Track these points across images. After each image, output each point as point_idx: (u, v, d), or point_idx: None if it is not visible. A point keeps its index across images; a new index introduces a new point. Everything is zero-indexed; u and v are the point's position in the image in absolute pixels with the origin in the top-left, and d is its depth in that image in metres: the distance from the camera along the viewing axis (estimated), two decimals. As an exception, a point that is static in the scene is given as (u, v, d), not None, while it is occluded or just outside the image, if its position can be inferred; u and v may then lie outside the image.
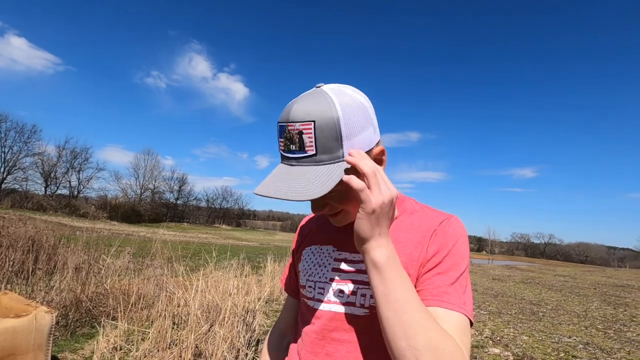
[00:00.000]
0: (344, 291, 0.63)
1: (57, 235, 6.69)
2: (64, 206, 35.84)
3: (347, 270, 0.65)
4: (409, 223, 0.66)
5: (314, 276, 0.69)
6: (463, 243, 0.61)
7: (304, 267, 0.72)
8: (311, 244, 0.75)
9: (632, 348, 4.03)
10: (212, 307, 3.28)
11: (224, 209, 75.00)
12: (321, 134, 0.54)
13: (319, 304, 0.66)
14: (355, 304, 0.62)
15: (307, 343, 0.66)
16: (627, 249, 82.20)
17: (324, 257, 0.70)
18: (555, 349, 3.82)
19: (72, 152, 47.07)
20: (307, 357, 0.65)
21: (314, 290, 0.67)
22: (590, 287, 10.61)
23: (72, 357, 2.83)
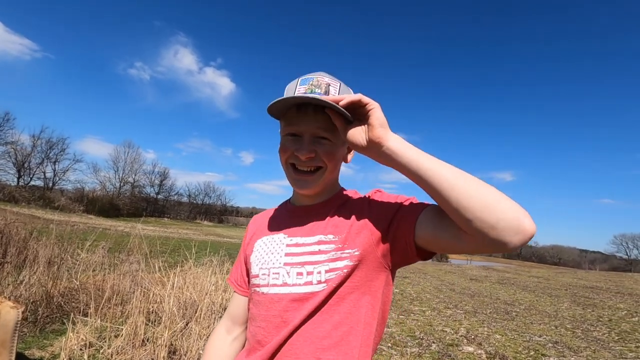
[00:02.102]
0: (302, 273, 0.67)
1: (29, 227, 6.44)
2: (38, 198, 34.55)
3: (300, 253, 0.69)
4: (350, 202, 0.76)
5: (267, 264, 0.72)
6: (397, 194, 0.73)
7: (256, 257, 0.76)
8: (262, 235, 0.79)
9: (597, 347, 4.21)
10: (189, 303, 3.23)
11: (206, 204, 73.99)
12: (343, 93, 0.69)
13: (274, 289, 0.69)
14: (312, 282, 0.66)
15: (271, 328, 0.67)
16: (598, 252, 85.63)
17: (276, 244, 0.74)
18: (526, 347, 3.95)
19: (47, 142, 45.39)
20: (270, 339, 0.67)
21: (268, 277, 0.71)
22: (562, 288, 11.00)
23: (40, 354, 2.73)
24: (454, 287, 9.65)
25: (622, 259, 73.94)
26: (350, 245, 0.67)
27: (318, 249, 0.68)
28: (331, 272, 0.66)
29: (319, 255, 0.67)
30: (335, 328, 0.64)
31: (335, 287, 0.65)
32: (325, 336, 0.64)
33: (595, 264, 71.45)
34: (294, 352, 0.64)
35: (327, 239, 0.68)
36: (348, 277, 0.66)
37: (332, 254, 0.67)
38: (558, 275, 16.74)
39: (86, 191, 46.88)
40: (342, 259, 0.66)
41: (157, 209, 61.17)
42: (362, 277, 0.66)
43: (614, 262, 73.46)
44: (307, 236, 0.71)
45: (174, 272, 3.73)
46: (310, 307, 0.65)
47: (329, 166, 0.71)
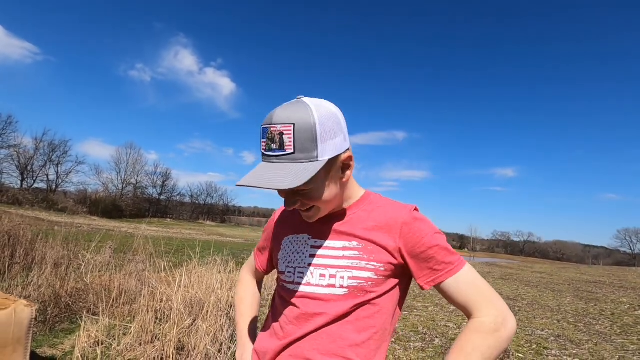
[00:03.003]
0: (325, 275, 0.73)
1: (35, 230, 6.52)
2: (42, 200, 34.76)
3: (323, 256, 0.75)
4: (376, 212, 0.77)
5: (293, 262, 0.78)
6: (434, 228, 0.75)
7: (283, 255, 0.81)
8: (289, 233, 0.83)
9: (599, 340, 4.25)
10: (195, 302, 3.29)
11: (209, 204, 74.14)
12: (299, 136, 0.64)
13: (299, 287, 0.75)
14: (335, 286, 0.72)
15: (293, 319, 0.74)
16: (602, 247, 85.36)
17: (301, 245, 0.79)
18: (529, 341, 3.99)
19: (50, 145, 45.56)
20: (291, 329, 0.74)
21: (294, 275, 0.77)
22: (565, 283, 11.02)
23: (52, 352, 2.80)
24: (456, 283, 9.70)
25: (625, 254, 73.68)
26: (376, 259, 0.72)
27: (342, 255, 0.73)
28: (354, 279, 0.71)
29: (343, 261, 0.72)
30: (357, 331, 0.71)
31: (357, 293, 0.71)
32: (348, 336, 0.71)
33: (599, 259, 71.21)
34: (318, 345, 0.71)
35: (351, 246, 0.73)
36: (370, 287, 0.71)
37: (356, 262, 0.72)
38: (561, 271, 16.74)
39: (89, 193, 47.09)
40: (366, 270, 0.71)
41: (160, 210, 61.38)
42: (382, 289, 0.73)
43: (618, 257, 73.22)
44: (331, 240, 0.75)
45: (180, 272, 3.79)
46: (332, 308, 0.71)
47: (318, 205, 0.72)
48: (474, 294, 0.69)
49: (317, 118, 0.65)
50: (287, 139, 0.64)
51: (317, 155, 0.65)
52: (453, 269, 0.71)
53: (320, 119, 0.65)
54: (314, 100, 0.69)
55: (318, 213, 0.74)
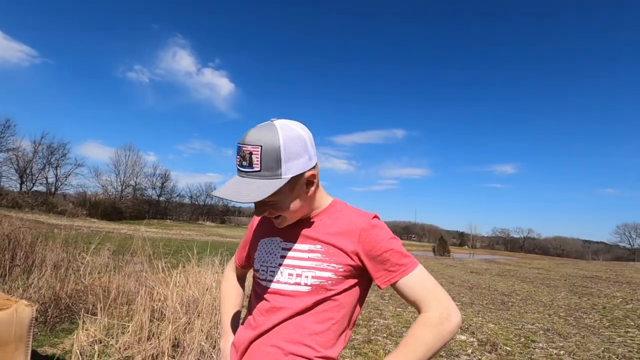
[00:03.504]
0: (292, 274, 0.85)
1: (34, 232, 6.60)
2: (41, 203, 34.80)
3: (292, 257, 0.87)
4: (339, 219, 0.88)
5: (266, 262, 0.90)
6: (389, 234, 0.85)
7: (259, 255, 0.93)
8: (265, 236, 0.95)
9: (587, 333, 4.35)
10: (191, 300, 3.38)
11: (208, 205, 74.27)
12: (265, 156, 0.76)
13: (270, 284, 0.87)
14: (300, 284, 0.84)
15: (262, 312, 0.87)
16: (601, 242, 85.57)
17: (274, 246, 0.91)
18: (517, 335, 4.10)
19: (48, 148, 45.70)
20: (262, 320, 0.86)
21: (266, 273, 0.89)
22: (561, 278, 11.12)
23: (52, 351, 2.89)
24: (453, 280, 9.80)
25: (625, 249, 73.88)
26: (336, 261, 0.83)
27: (307, 257, 0.84)
28: (316, 278, 0.82)
29: (308, 262, 0.84)
30: (317, 322, 0.82)
31: (319, 290, 0.83)
32: (309, 326, 0.82)
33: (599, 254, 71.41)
34: (284, 334, 0.83)
35: (315, 249, 0.85)
36: (330, 286, 0.83)
37: (318, 263, 0.83)
38: (559, 266, 16.84)
39: (88, 195, 47.18)
40: (327, 270, 0.82)
41: (160, 211, 61.45)
42: (341, 287, 0.84)
43: (618, 252, 73.41)
44: (299, 243, 0.87)
45: (177, 272, 3.88)
46: (297, 302, 0.83)
47: (284, 214, 0.84)
48: (423, 291, 0.80)
49: (282, 141, 0.76)
50: (255, 159, 0.76)
51: (280, 173, 0.77)
52: (406, 269, 0.81)
53: (285, 142, 0.76)
54: (283, 122, 0.80)
55: (285, 221, 0.86)
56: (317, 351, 0.81)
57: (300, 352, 0.81)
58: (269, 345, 0.83)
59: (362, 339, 3.74)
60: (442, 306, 0.77)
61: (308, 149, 0.81)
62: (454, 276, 10.77)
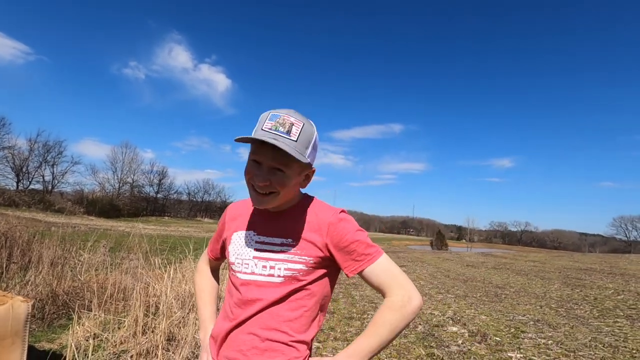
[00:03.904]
0: (266, 266, 0.90)
1: (31, 230, 6.63)
2: (38, 201, 34.74)
3: (265, 250, 0.92)
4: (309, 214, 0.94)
5: (241, 255, 0.94)
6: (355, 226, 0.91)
7: (232, 248, 0.97)
8: (238, 229, 0.99)
9: (576, 323, 4.44)
10: (186, 296, 3.44)
11: (206, 202, 74.23)
12: (303, 133, 0.84)
13: (244, 275, 0.92)
14: (274, 275, 0.89)
15: (241, 303, 0.91)
16: (598, 235, 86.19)
17: (248, 240, 0.95)
18: (508, 326, 4.18)
19: (44, 146, 45.49)
20: (238, 312, 0.91)
21: (241, 265, 0.93)
22: (556, 271, 11.25)
23: (49, 346, 2.95)
24: (449, 273, 9.89)
25: (621, 241, 74.49)
26: (306, 253, 0.89)
27: (280, 249, 0.90)
28: (288, 270, 0.88)
29: (280, 254, 0.89)
30: (291, 310, 0.88)
31: (291, 281, 0.88)
32: (283, 314, 0.88)
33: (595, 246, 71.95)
34: (260, 323, 0.89)
35: (287, 242, 0.90)
36: (301, 276, 0.89)
37: (290, 255, 0.89)
38: (554, 259, 17.00)
39: (86, 193, 47.07)
40: (298, 262, 0.88)
41: (157, 208, 61.41)
42: (312, 277, 0.90)
43: (614, 244, 74.01)
44: (272, 236, 0.92)
45: (172, 267, 3.93)
46: (270, 293, 0.88)
47: (281, 192, 0.87)
48: (387, 278, 0.88)
49: (316, 133, 0.89)
50: (295, 129, 0.83)
51: (306, 154, 0.85)
52: (371, 258, 0.89)
53: (316, 135, 0.89)
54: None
55: (274, 200, 0.88)
56: (291, 336, 0.88)
57: (276, 337, 0.87)
58: (246, 333, 0.89)
59: (355, 332, 3.81)
60: (404, 290, 0.86)
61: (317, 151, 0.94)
62: (449, 269, 10.88)
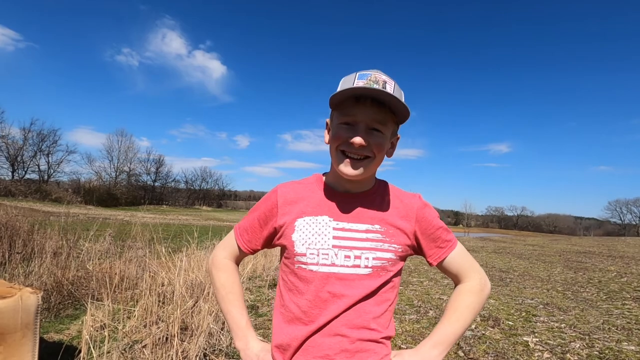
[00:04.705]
0: (350, 256, 0.79)
1: (30, 220, 6.53)
2: (34, 191, 34.48)
3: (347, 238, 0.80)
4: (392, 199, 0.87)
5: (314, 244, 0.80)
6: (436, 212, 0.89)
7: (300, 236, 0.81)
8: (303, 215, 0.83)
9: (585, 306, 4.44)
10: (195, 284, 3.37)
11: (204, 190, 74.12)
12: (397, 90, 0.77)
13: (322, 268, 0.79)
14: (360, 266, 0.78)
15: (319, 302, 0.78)
16: (592, 219, 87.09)
17: (322, 227, 0.81)
18: (518, 310, 4.17)
19: (39, 135, 44.92)
20: (315, 312, 0.78)
21: (318, 257, 0.79)
22: (556, 254, 11.34)
23: (59, 337, 2.88)
24: (451, 258, 9.93)
25: (615, 224, 75.38)
26: (396, 242, 0.82)
27: (365, 237, 0.80)
28: (377, 260, 0.79)
29: (367, 243, 0.79)
30: (377, 304, 0.80)
31: (380, 272, 0.80)
32: (370, 311, 0.79)
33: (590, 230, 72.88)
34: (347, 322, 0.78)
35: (374, 229, 0.81)
36: (390, 267, 0.81)
37: (379, 244, 0.80)
38: (552, 243, 17.17)
39: (82, 182, 46.76)
40: (388, 251, 0.80)
41: (155, 197, 61.25)
42: (397, 268, 0.83)
43: (608, 228, 74.93)
44: (354, 222, 0.81)
45: (180, 256, 3.86)
46: (357, 287, 0.78)
47: (377, 156, 0.79)
48: (464, 264, 0.87)
49: (403, 95, 0.80)
50: (389, 87, 0.75)
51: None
52: (452, 244, 0.87)
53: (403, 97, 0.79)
54: None
55: (369, 166, 0.80)
56: (380, 332, 0.81)
57: (367, 336, 0.79)
58: (332, 335, 0.78)
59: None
60: (480, 274, 0.87)
61: None
62: (451, 254, 10.92)
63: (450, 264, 0.86)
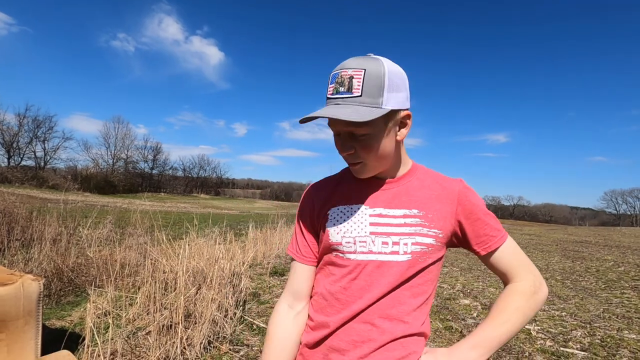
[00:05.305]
0: (388, 243, 0.74)
1: (28, 207, 6.47)
2: (31, 178, 34.25)
3: (384, 224, 0.75)
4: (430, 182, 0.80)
5: (351, 232, 0.76)
6: (479, 197, 0.80)
7: (334, 225, 0.78)
8: (337, 204, 0.80)
9: (585, 295, 4.48)
10: (197, 272, 3.35)
11: (202, 177, 73.93)
12: (368, 81, 0.67)
13: (360, 256, 0.75)
14: (399, 253, 0.73)
15: (355, 290, 0.74)
16: (588, 209, 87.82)
17: (358, 214, 0.77)
18: (519, 298, 4.19)
19: (34, 121, 44.35)
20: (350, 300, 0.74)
21: (355, 245, 0.75)
22: (553, 244, 11.43)
23: (60, 324, 2.87)
24: (449, 247, 9.99)
25: (611, 214, 76.03)
26: (437, 226, 0.75)
27: (404, 222, 0.74)
28: (417, 245, 0.73)
29: (405, 228, 0.74)
30: (413, 296, 0.74)
31: (419, 259, 0.74)
32: (406, 302, 0.73)
33: (585, 220, 73.54)
34: (379, 311, 0.73)
35: (412, 214, 0.75)
36: (430, 253, 0.74)
37: (418, 228, 0.74)
38: (549, 232, 17.31)
39: (79, 169, 46.50)
40: (428, 236, 0.74)
41: (153, 184, 61.09)
42: (437, 256, 0.76)
43: (603, 218, 75.61)
44: (390, 208, 0.76)
45: (181, 243, 3.83)
46: (395, 274, 0.73)
47: (368, 160, 0.73)
48: (517, 260, 0.76)
49: (387, 70, 0.68)
50: (357, 83, 0.67)
51: (381, 102, 0.68)
52: (503, 236, 0.77)
53: (389, 71, 0.69)
54: (386, 58, 0.72)
55: (365, 169, 0.75)
56: (414, 327, 0.74)
57: (398, 329, 0.72)
58: (362, 322, 0.73)
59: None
60: (534, 276, 0.76)
61: (407, 88, 0.74)
62: (449, 243, 10.99)
63: (498, 258, 0.76)
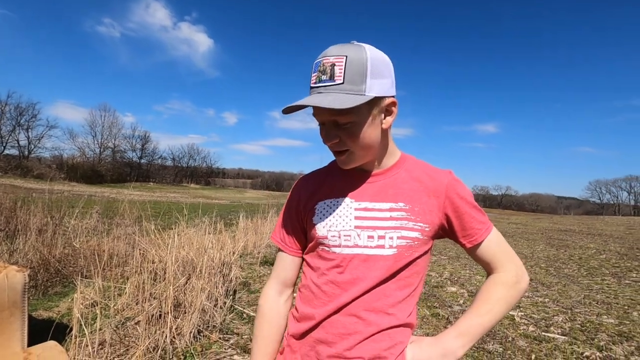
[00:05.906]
0: (373, 236, 0.73)
1: (12, 197, 6.34)
2: (15, 167, 33.46)
3: (370, 217, 0.74)
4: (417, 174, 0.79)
5: (336, 226, 0.75)
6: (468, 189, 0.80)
7: (320, 219, 0.77)
8: (323, 198, 0.80)
9: (567, 282, 4.61)
10: (187, 262, 3.35)
11: (192, 167, 73.22)
12: (350, 67, 0.66)
13: (345, 250, 0.74)
14: (384, 247, 0.73)
15: (340, 283, 0.74)
16: (573, 198, 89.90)
17: (343, 208, 0.76)
18: (504, 286, 4.30)
19: (17, 108, 43.11)
20: (336, 292, 0.74)
21: (339, 238, 0.75)
22: (538, 232, 11.70)
23: (48, 314, 2.85)
24: (438, 236, 10.14)
25: (595, 204, 77.98)
26: (423, 220, 0.74)
27: (389, 216, 0.74)
28: (402, 239, 0.73)
29: (390, 222, 0.73)
30: (399, 289, 0.74)
31: (405, 253, 0.73)
32: (391, 294, 0.73)
33: (570, 209, 75.33)
34: (365, 304, 0.73)
35: (398, 207, 0.74)
36: (416, 247, 0.74)
37: (404, 222, 0.73)
38: (535, 221, 17.68)
39: (65, 158, 45.54)
40: (414, 230, 0.73)
41: (141, 174, 60.25)
42: (423, 250, 0.76)
43: (588, 207, 77.54)
44: (377, 202, 0.75)
45: (170, 234, 3.81)
46: (381, 268, 0.72)
47: (354, 148, 0.72)
48: (500, 251, 0.77)
49: (369, 56, 0.67)
50: (338, 70, 0.66)
51: (364, 89, 0.67)
52: (488, 227, 0.77)
53: (372, 57, 0.68)
54: (368, 45, 0.71)
55: (352, 158, 0.74)
56: (400, 319, 0.74)
57: (384, 321, 0.73)
58: (347, 315, 0.73)
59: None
60: (516, 266, 0.77)
61: (392, 74, 0.72)
62: (438, 232, 11.15)
63: (483, 250, 0.77)
